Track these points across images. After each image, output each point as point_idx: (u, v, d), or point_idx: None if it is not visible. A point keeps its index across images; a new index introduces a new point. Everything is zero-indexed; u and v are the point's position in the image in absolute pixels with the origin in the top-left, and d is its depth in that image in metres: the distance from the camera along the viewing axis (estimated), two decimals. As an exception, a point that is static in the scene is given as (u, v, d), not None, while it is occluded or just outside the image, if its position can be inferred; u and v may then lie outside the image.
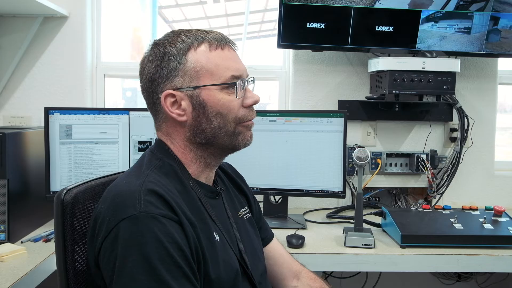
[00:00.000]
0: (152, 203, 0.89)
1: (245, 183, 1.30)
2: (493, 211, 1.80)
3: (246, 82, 1.05)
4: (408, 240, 1.67)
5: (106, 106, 2.30)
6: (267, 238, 1.30)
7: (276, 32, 2.02)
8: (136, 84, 3.08)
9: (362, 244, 1.67)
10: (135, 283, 0.84)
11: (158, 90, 1.01)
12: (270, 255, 1.28)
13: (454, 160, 2.27)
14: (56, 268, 1.50)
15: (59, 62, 2.18)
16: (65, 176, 1.83)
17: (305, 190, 1.96)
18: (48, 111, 1.82)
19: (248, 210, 1.22)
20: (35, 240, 1.65)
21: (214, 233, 1.00)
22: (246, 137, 1.06)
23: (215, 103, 1.00)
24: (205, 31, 1.04)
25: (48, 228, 1.80)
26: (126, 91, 2.97)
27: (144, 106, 1.09)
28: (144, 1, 3.13)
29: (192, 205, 0.99)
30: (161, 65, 1.00)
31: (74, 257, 0.99)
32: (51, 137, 1.81)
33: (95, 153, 1.86)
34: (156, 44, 1.03)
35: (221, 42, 1.03)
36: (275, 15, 2.05)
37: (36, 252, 1.54)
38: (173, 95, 1.00)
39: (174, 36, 1.02)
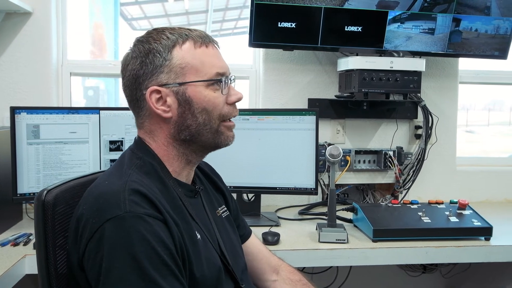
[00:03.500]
0: (137, 203, 0.89)
1: (221, 181, 1.32)
2: (457, 205, 1.88)
3: (230, 80, 1.07)
4: (380, 234, 1.72)
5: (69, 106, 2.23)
6: (245, 234, 1.33)
7: (237, 30, 2.04)
8: (99, 82, 3.01)
9: (336, 239, 1.70)
10: (124, 283, 0.84)
11: (143, 87, 1.01)
12: (249, 251, 1.30)
13: (419, 156, 2.35)
14: (27, 273, 1.49)
15: (22, 59, 2.09)
16: (33, 177, 1.77)
17: (278, 187, 1.98)
18: (14, 110, 1.75)
19: (225, 208, 1.24)
20: (3, 244, 1.59)
21: (196, 232, 1.01)
22: (228, 137, 1.08)
23: (201, 99, 1.01)
24: (188, 29, 1.05)
25: (16, 231, 1.74)
26: (88, 90, 2.90)
27: (113, 105, 1.07)
28: (105, -1, 3.08)
29: (173, 205, 0.99)
30: (146, 62, 1.00)
31: (56, 259, 0.96)
32: (18, 138, 1.75)
33: (64, 154, 1.81)
34: (140, 41, 1.03)
35: (205, 40, 1.04)
36: (236, 14, 2.05)
37: (5, 257, 1.48)
38: (158, 91, 1.00)
39: (158, 33, 1.02)
